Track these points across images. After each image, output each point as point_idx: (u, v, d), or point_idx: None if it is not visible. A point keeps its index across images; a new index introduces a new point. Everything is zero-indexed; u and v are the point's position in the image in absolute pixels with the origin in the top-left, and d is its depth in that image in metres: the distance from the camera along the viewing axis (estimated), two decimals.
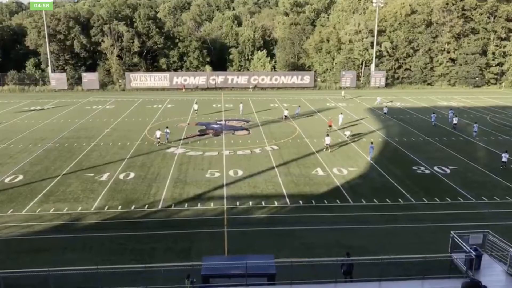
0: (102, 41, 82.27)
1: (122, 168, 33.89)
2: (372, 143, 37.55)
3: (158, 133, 40.96)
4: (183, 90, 77.65)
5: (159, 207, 26.71)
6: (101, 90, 78.32)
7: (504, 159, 34.49)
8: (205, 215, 25.68)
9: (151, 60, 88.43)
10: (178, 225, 24.27)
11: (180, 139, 42.48)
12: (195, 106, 55.85)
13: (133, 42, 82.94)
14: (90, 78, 78.20)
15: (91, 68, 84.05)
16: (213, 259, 18.23)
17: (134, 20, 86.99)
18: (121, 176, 32.03)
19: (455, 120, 48.72)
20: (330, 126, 45.99)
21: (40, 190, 29.15)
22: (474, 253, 17.89)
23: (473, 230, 20.37)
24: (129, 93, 75.82)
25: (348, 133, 43.55)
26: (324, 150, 38.90)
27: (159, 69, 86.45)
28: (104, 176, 31.98)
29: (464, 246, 18.50)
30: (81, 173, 32.64)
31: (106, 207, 26.61)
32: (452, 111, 52.22)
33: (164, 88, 78.33)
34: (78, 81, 79.86)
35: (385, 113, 55.84)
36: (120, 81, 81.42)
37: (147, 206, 26.82)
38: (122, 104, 63.77)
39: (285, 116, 52.09)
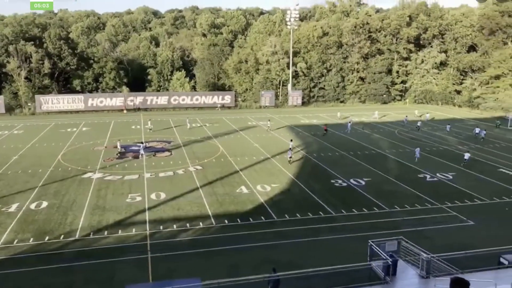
0: (8, 62, 76.76)
1: (33, 197, 31.53)
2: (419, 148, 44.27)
3: (118, 144, 45.96)
4: (125, 111, 75.00)
5: (76, 236, 25.17)
6: (8, 114, 72.81)
7: (466, 157, 40.80)
8: (126, 241, 24.63)
9: (63, 82, 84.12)
10: (98, 254, 22.96)
11: (97, 163, 40.65)
12: (149, 123, 58.57)
13: (43, 64, 78.34)
14: None
15: None
16: (137, 287, 17.51)
17: (44, 40, 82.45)
18: (33, 206, 29.78)
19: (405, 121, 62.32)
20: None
21: None
22: (390, 259, 18.93)
23: (389, 237, 21.59)
24: (39, 117, 71.21)
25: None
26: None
27: (72, 91, 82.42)
28: (13, 207, 29.51)
29: (381, 254, 19.51)
30: None
31: (16, 240, 24.52)
32: (479, 129, 54.48)
33: (79, 111, 74.79)
34: None
35: (418, 126, 60.11)
36: (29, 104, 76.28)
37: (62, 236, 25.13)
38: (32, 129, 59.71)
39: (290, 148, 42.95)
